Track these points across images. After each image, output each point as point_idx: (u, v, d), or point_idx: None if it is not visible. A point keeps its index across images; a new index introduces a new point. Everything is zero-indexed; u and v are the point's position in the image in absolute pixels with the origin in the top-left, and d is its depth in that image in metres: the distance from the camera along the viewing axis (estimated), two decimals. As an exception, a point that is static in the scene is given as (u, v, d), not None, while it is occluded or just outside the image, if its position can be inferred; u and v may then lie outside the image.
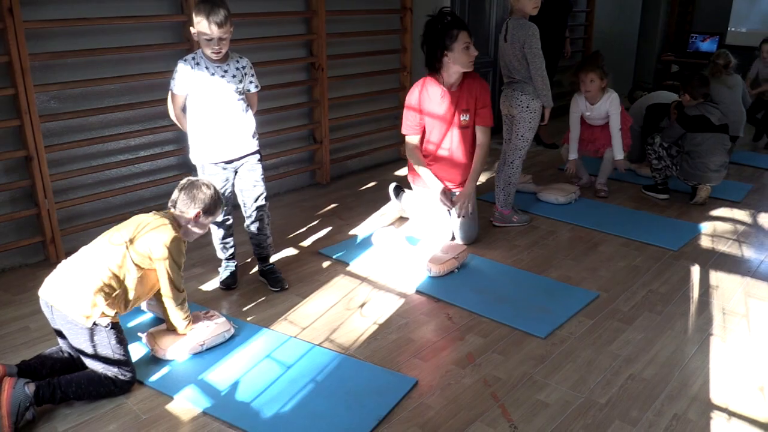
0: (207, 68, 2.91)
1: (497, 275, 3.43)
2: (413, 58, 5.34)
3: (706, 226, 4.17)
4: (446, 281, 3.33)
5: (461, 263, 3.46)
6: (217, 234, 3.23)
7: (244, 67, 3.02)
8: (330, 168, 4.93)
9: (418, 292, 3.25)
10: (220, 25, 2.75)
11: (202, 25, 2.76)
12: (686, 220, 4.30)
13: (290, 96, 4.59)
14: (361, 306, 3.11)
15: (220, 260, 3.32)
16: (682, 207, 4.54)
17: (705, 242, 3.93)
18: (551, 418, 2.34)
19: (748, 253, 3.77)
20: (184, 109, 3.02)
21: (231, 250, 3.29)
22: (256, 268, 3.44)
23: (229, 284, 3.27)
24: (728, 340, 2.86)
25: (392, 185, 4.25)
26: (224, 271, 3.30)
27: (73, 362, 2.47)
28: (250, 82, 3.06)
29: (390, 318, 3.01)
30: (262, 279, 3.35)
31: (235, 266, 3.33)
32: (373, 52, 5.07)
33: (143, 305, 2.95)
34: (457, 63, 3.51)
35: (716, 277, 3.47)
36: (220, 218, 2.87)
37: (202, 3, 2.77)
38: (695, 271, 3.54)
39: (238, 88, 2.99)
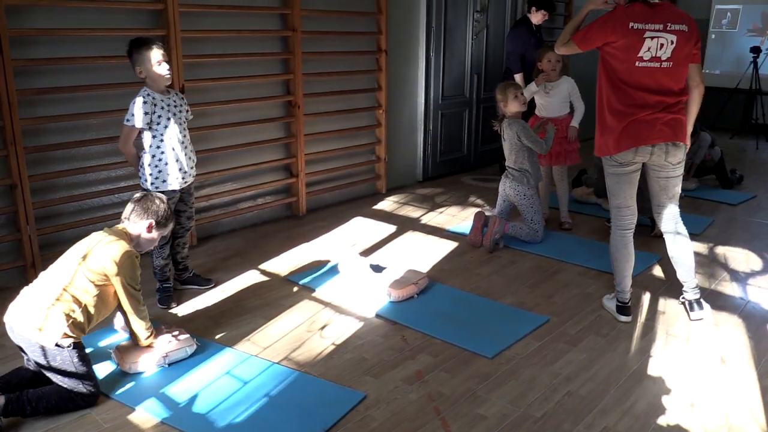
0: (162, 100, 3.28)
1: (454, 300, 3.60)
2: (389, 96, 5.61)
3: (662, 256, 4.35)
4: (405, 306, 3.50)
5: (420, 289, 3.63)
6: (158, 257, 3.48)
7: (182, 98, 3.43)
8: (306, 200, 5.14)
9: (377, 315, 3.41)
10: (161, 46, 3.27)
11: (153, 53, 3.18)
12: (646, 250, 4.48)
13: (268, 130, 4.84)
14: (322, 328, 3.28)
15: (158, 282, 3.54)
16: (644, 238, 4.72)
17: (658, 271, 4.11)
18: (487, 429, 2.49)
19: (698, 282, 3.93)
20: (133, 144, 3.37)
21: (168, 272, 3.55)
22: (215, 293, 3.65)
23: (169, 304, 3.48)
24: (667, 360, 3.03)
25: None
26: (164, 294, 3.52)
27: (37, 379, 2.61)
28: (188, 111, 3.46)
29: (348, 339, 3.17)
30: (188, 286, 3.68)
31: (172, 287, 3.58)
32: (349, 90, 5.33)
33: (116, 325, 3.11)
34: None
35: (664, 303, 3.65)
36: (167, 232, 3.05)
37: (136, 42, 3.21)
38: (645, 297, 3.72)
39: (185, 117, 3.40)
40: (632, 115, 3.12)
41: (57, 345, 2.49)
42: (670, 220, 3.41)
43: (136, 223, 2.80)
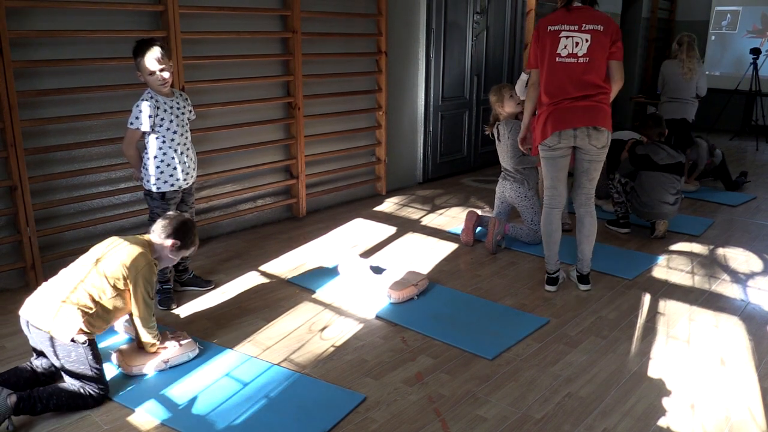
0: (165, 102, 3.30)
1: (454, 302, 3.60)
2: (388, 97, 5.61)
3: (662, 258, 4.36)
4: (405, 307, 3.50)
5: (421, 290, 3.63)
6: None
7: (186, 99, 3.45)
8: (306, 202, 5.14)
9: (377, 317, 3.41)
10: (160, 50, 3.22)
11: (147, 62, 3.18)
12: (646, 252, 4.49)
13: (268, 132, 4.84)
14: (322, 330, 3.28)
15: (159, 283, 3.51)
16: (644, 240, 4.74)
17: (659, 273, 4.11)
18: (487, 431, 2.49)
19: (697, 284, 3.95)
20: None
21: (169, 274, 3.56)
22: (215, 295, 3.65)
23: (169, 305, 3.49)
24: (667, 362, 3.02)
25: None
26: (164, 295, 3.52)
27: (36, 379, 2.61)
28: (191, 111, 3.48)
29: (348, 341, 3.17)
30: (188, 287, 3.69)
31: (172, 288, 3.60)
32: (349, 92, 5.33)
33: (117, 326, 3.11)
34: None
35: (664, 305, 3.64)
36: (188, 255, 3.10)
37: (134, 48, 3.21)
38: (646, 299, 3.72)
39: (188, 117, 3.43)
40: (556, 105, 3.49)
41: (72, 341, 2.50)
42: (587, 201, 3.74)
43: (162, 239, 2.82)
